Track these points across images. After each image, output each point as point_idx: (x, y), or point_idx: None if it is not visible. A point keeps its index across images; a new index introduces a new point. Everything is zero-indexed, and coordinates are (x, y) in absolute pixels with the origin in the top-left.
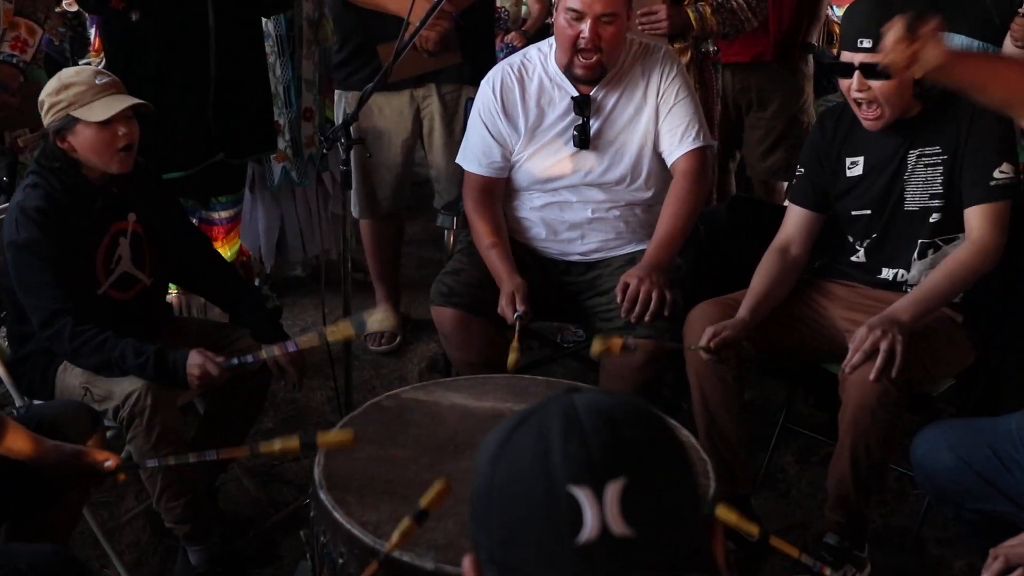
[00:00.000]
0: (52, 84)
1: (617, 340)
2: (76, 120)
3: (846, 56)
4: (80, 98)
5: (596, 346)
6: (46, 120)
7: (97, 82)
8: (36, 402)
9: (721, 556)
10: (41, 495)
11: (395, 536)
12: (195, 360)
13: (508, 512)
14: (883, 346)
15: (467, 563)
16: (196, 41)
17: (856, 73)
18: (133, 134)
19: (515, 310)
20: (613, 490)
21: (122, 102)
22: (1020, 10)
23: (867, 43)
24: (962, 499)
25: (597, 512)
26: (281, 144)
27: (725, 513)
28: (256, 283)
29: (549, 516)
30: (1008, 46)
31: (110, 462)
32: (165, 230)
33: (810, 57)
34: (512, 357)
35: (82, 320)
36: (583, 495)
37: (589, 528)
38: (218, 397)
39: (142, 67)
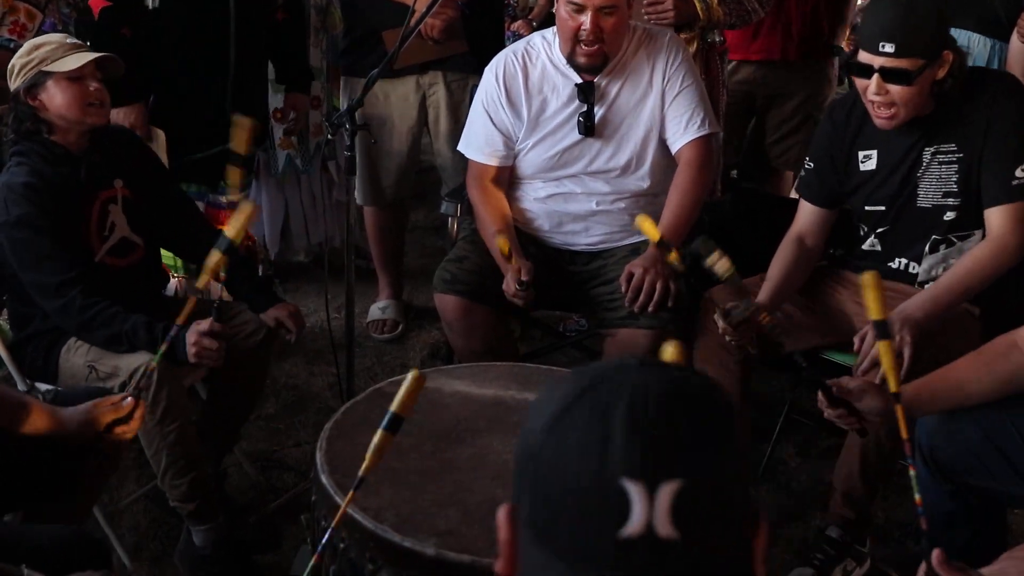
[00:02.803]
0: (22, 49)
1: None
2: (47, 76)
3: (865, 57)
4: (51, 55)
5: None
6: (15, 82)
7: (68, 41)
8: (38, 384)
9: (762, 556)
10: (59, 481)
11: (370, 454)
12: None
13: (553, 484)
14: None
15: (502, 514)
16: (216, 30)
17: (875, 76)
18: (104, 93)
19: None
20: (667, 491)
21: (93, 55)
22: None
23: (889, 47)
24: (971, 474)
25: (646, 510)
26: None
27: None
28: (260, 269)
29: (595, 501)
30: (1015, 42)
31: (128, 400)
32: (154, 195)
33: (835, 60)
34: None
35: (89, 292)
36: (635, 490)
37: (634, 524)
38: (219, 382)
39: (163, 54)
